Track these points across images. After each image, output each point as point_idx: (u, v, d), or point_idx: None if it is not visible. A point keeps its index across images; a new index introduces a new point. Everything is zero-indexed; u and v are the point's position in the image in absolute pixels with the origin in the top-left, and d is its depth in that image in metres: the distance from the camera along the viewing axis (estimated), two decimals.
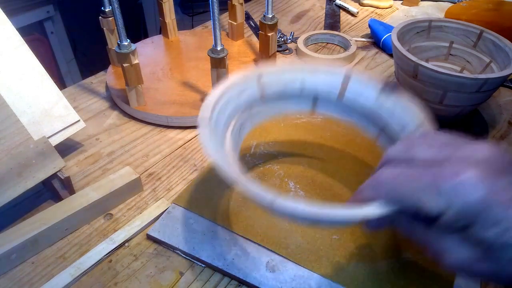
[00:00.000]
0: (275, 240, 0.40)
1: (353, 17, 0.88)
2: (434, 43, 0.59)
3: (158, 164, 0.52)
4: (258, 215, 0.43)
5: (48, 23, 1.39)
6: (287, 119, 0.55)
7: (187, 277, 0.39)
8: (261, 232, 0.41)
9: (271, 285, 0.37)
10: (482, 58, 0.56)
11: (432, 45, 0.59)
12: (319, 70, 0.42)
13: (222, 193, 0.45)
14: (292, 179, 0.47)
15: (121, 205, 0.46)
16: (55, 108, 0.48)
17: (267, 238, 0.41)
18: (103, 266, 0.40)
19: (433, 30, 0.57)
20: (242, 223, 0.42)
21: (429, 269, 0.38)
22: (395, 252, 0.39)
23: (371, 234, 0.41)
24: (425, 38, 0.58)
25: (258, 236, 0.41)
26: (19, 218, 0.44)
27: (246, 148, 0.51)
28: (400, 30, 0.55)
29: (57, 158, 0.45)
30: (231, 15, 0.73)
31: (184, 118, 0.56)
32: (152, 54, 0.70)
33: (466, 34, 0.56)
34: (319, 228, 0.41)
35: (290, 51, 0.75)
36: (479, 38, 0.55)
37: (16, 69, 0.46)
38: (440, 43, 0.58)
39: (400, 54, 0.51)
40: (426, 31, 0.57)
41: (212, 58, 0.52)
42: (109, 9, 0.60)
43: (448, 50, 0.58)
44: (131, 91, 0.56)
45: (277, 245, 0.40)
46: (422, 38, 0.58)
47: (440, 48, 0.59)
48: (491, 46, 0.55)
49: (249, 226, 0.42)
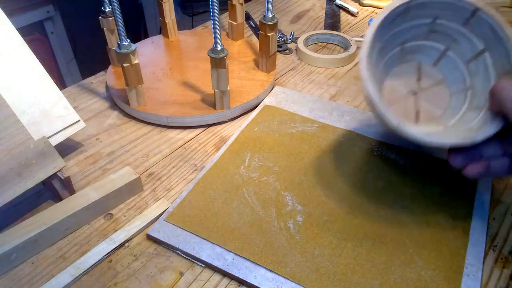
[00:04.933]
0: (273, 258, 0.39)
1: (353, 17, 0.88)
2: (412, 22, 0.45)
3: (158, 164, 0.52)
4: (255, 232, 0.41)
5: (48, 23, 1.39)
6: (281, 128, 0.54)
7: (187, 277, 0.39)
8: (258, 250, 0.40)
9: (271, 285, 0.37)
10: (473, 41, 0.44)
11: (410, 25, 0.46)
12: None
13: (216, 208, 0.44)
14: (289, 192, 0.46)
15: (121, 205, 0.46)
16: (55, 108, 0.48)
17: (265, 257, 0.39)
18: (103, 266, 0.40)
19: (413, 9, 0.44)
20: (238, 240, 0.41)
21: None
22: (397, 268, 0.39)
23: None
24: (402, 21, 0.45)
25: (255, 254, 0.39)
26: (19, 218, 0.44)
27: (240, 160, 0.50)
28: (372, 46, 0.42)
29: (57, 158, 0.45)
30: (231, 15, 0.73)
31: (184, 118, 0.56)
32: (152, 54, 0.70)
33: (455, 9, 0.43)
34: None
35: (290, 51, 0.75)
36: (472, 16, 0.43)
37: (16, 69, 0.46)
38: (420, 21, 0.45)
39: (378, 110, 0.39)
40: (403, 14, 0.44)
41: (212, 58, 0.52)
42: (109, 9, 0.60)
43: (430, 26, 0.45)
44: (131, 91, 0.56)
45: (276, 264, 0.39)
46: (397, 22, 0.44)
47: (420, 26, 0.46)
48: (487, 31, 0.42)
49: (245, 244, 0.40)
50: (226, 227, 0.42)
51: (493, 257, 0.40)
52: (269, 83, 0.62)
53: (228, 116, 0.58)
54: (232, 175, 0.48)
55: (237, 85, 0.62)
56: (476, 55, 0.44)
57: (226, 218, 0.43)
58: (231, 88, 0.58)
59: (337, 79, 0.68)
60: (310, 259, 0.39)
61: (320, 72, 0.69)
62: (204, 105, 0.58)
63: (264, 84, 0.62)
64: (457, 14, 0.43)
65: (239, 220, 0.43)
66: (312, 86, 0.66)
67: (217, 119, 0.58)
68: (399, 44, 0.47)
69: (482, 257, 0.39)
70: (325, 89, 0.65)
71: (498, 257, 0.40)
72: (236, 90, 0.60)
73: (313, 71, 0.70)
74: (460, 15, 0.43)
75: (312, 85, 0.66)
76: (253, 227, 0.42)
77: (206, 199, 0.45)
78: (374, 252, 0.40)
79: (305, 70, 0.70)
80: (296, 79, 0.67)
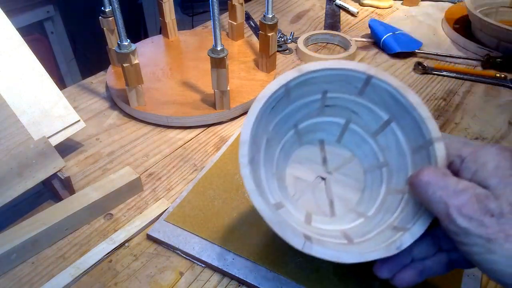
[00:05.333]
0: (273, 258, 0.39)
1: (353, 17, 0.88)
2: (299, 102, 0.39)
3: (158, 164, 0.52)
4: (254, 232, 0.41)
5: (48, 23, 1.39)
6: None
7: (187, 277, 0.39)
8: (258, 250, 0.40)
9: (271, 285, 0.37)
10: (375, 111, 0.38)
11: (298, 105, 0.39)
12: None
13: (216, 208, 0.44)
14: None
15: (121, 205, 0.46)
16: (55, 108, 0.48)
17: (265, 257, 0.39)
18: (103, 266, 0.40)
19: (294, 90, 0.37)
20: (238, 240, 0.40)
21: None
22: None
23: None
24: (285, 105, 0.38)
25: (255, 254, 0.39)
26: (19, 218, 0.44)
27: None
28: (250, 145, 0.33)
29: (57, 158, 0.45)
30: (231, 15, 0.73)
31: (184, 118, 0.56)
32: (152, 54, 0.70)
33: (344, 79, 0.37)
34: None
35: (290, 51, 0.75)
36: (366, 85, 0.37)
37: (16, 69, 0.46)
38: (308, 98, 0.39)
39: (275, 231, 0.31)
40: (284, 98, 0.37)
41: (212, 58, 0.52)
42: (109, 9, 0.60)
43: (321, 102, 0.39)
44: (131, 91, 0.56)
45: (275, 264, 0.38)
46: (280, 108, 0.38)
47: (310, 104, 0.39)
48: (388, 99, 0.36)
49: (245, 244, 0.40)
50: (226, 227, 0.42)
51: None
52: (269, 83, 0.62)
53: (228, 116, 0.58)
54: (232, 175, 0.48)
55: (237, 85, 0.61)
56: (382, 126, 0.38)
57: (226, 218, 0.43)
58: (231, 88, 0.58)
59: None
60: (310, 259, 0.39)
61: None
62: (204, 105, 0.58)
63: (264, 84, 0.62)
64: (347, 85, 0.37)
65: (239, 220, 0.43)
66: None
67: (217, 119, 0.58)
68: (292, 127, 0.40)
69: None
70: None
71: None
72: (236, 90, 0.60)
73: None
74: (352, 86, 0.37)
75: None
76: (253, 227, 0.42)
77: (206, 199, 0.45)
78: None
79: None
80: None
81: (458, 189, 0.27)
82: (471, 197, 0.27)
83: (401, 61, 0.72)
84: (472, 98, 0.63)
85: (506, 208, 0.26)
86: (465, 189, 0.27)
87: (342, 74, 0.37)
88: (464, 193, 0.27)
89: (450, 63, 0.72)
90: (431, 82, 0.67)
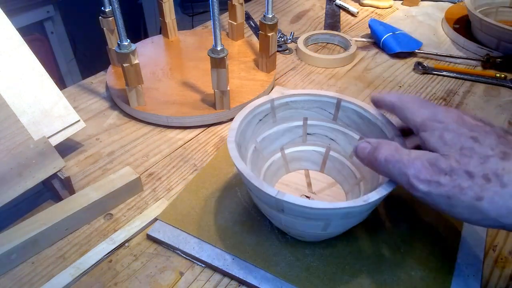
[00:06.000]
0: (264, 257, 0.39)
1: (353, 17, 0.88)
2: (284, 125, 0.45)
3: (158, 164, 0.52)
4: (246, 231, 0.41)
5: (48, 23, 1.39)
6: None
7: (187, 277, 0.39)
8: (249, 249, 0.40)
9: (271, 285, 0.37)
10: (348, 134, 0.44)
11: (283, 128, 0.45)
12: None
13: (209, 207, 0.44)
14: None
15: (121, 205, 0.46)
16: (55, 108, 0.48)
17: (256, 255, 0.39)
18: (103, 266, 0.40)
19: (279, 111, 0.44)
20: (230, 239, 0.41)
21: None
22: (387, 268, 0.38)
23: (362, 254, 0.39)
24: (272, 123, 0.45)
25: (246, 253, 0.39)
26: (19, 218, 0.44)
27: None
28: (238, 134, 0.39)
29: (57, 158, 0.45)
30: (231, 15, 0.73)
31: (184, 118, 0.56)
32: (152, 54, 0.70)
33: (321, 105, 0.44)
34: None
35: (290, 51, 0.75)
36: (338, 109, 0.43)
37: (16, 69, 0.46)
38: (292, 123, 0.45)
39: (253, 187, 0.34)
40: (270, 114, 0.44)
41: (212, 58, 0.52)
42: (109, 9, 0.60)
43: (303, 129, 0.46)
44: (131, 91, 0.56)
45: (267, 263, 0.39)
46: (268, 124, 0.44)
47: (293, 130, 0.46)
48: (356, 119, 0.43)
49: (237, 243, 0.40)
50: (218, 226, 0.42)
51: (493, 257, 0.40)
52: (269, 83, 0.62)
53: (228, 116, 0.58)
54: (226, 174, 0.48)
55: (237, 85, 0.62)
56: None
57: (218, 216, 0.43)
58: (231, 88, 0.58)
59: (337, 79, 0.68)
60: (301, 258, 0.39)
61: (320, 72, 0.69)
62: (204, 105, 0.58)
63: (264, 84, 0.62)
64: (323, 111, 0.44)
65: (231, 218, 0.43)
66: (312, 86, 0.66)
67: (217, 119, 0.58)
68: (279, 150, 0.46)
69: (482, 257, 0.39)
70: (325, 89, 0.65)
71: (498, 257, 0.40)
72: (236, 90, 0.60)
73: (313, 71, 0.70)
74: (326, 112, 0.44)
75: (312, 85, 0.66)
76: (245, 226, 0.42)
77: (198, 197, 0.45)
78: (364, 252, 0.40)
79: (305, 70, 0.70)
80: (296, 79, 0.68)
81: (411, 158, 0.30)
82: (423, 162, 0.30)
83: (401, 61, 0.72)
84: (472, 98, 0.63)
85: (454, 164, 0.29)
86: (417, 157, 0.30)
87: (318, 100, 0.44)
88: (417, 161, 0.30)
89: (450, 63, 0.72)
90: (431, 82, 0.67)
